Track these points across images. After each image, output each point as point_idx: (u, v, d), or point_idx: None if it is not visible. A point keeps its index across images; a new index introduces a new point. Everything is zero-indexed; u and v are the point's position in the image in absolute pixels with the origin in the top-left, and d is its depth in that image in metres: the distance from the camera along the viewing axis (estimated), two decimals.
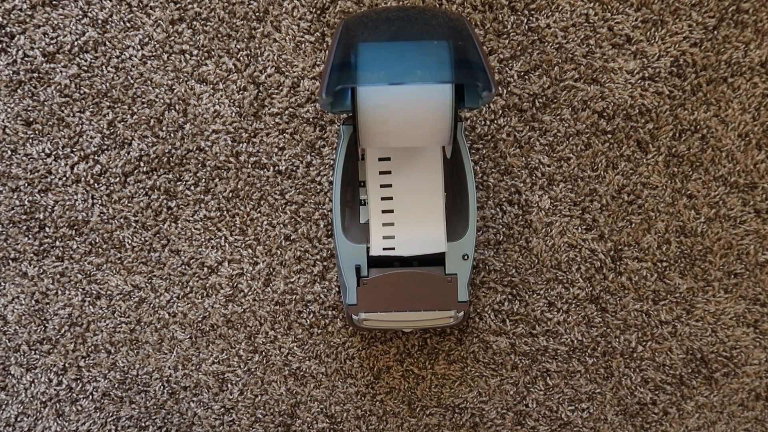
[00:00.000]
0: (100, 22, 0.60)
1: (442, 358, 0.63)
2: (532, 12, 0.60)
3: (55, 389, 0.63)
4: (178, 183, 0.61)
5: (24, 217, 0.61)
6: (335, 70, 0.42)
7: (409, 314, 0.54)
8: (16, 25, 0.60)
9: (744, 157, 0.62)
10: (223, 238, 0.62)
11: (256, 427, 0.64)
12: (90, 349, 0.63)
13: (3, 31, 0.60)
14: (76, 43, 0.60)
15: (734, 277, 0.63)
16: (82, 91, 0.60)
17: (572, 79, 0.60)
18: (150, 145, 0.61)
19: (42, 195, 0.61)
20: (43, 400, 0.63)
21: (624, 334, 0.63)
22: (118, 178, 0.61)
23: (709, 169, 0.62)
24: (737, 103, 0.61)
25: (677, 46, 0.60)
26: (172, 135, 0.61)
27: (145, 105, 0.61)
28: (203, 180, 0.61)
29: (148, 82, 0.60)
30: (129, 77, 0.60)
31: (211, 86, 0.60)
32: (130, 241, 0.62)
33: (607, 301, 0.63)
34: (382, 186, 0.52)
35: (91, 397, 0.63)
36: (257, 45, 0.60)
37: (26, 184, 0.61)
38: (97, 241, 0.62)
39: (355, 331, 0.63)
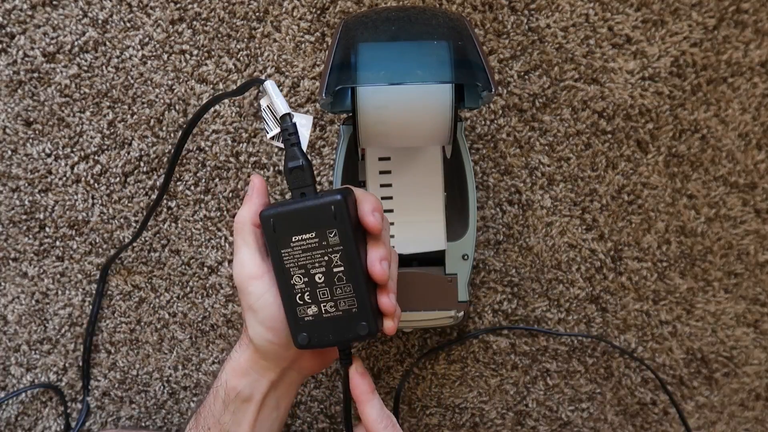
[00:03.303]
0: (100, 22, 0.60)
1: (442, 358, 0.63)
2: (532, 12, 0.60)
3: (55, 389, 0.63)
4: (178, 183, 0.61)
5: (24, 217, 0.61)
6: (335, 70, 0.42)
7: (409, 314, 0.54)
8: (16, 25, 0.60)
9: (744, 157, 0.62)
10: (223, 238, 0.62)
11: None
12: (90, 348, 0.63)
13: (3, 31, 0.60)
14: (76, 43, 0.60)
15: (734, 277, 0.63)
16: (82, 91, 0.60)
17: (572, 79, 0.60)
18: (150, 145, 0.61)
19: (42, 195, 0.61)
20: (43, 399, 0.63)
21: (624, 334, 0.63)
22: (118, 178, 0.61)
23: (709, 169, 0.62)
24: (737, 103, 0.61)
25: (677, 46, 0.60)
26: (172, 135, 0.61)
27: (145, 105, 0.61)
28: (203, 180, 0.61)
29: (148, 82, 0.60)
30: (129, 77, 0.60)
31: (211, 86, 0.60)
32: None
33: (607, 301, 0.63)
34: (382, 186, 0.52)
35: (91, 396, 0.63)
36: (257, 45, 0.60)
37: (26, 184, 0.61)
38: (97, 241, 0.62)
39: None
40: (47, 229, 0.62)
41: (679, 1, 0.60)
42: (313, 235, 0.39)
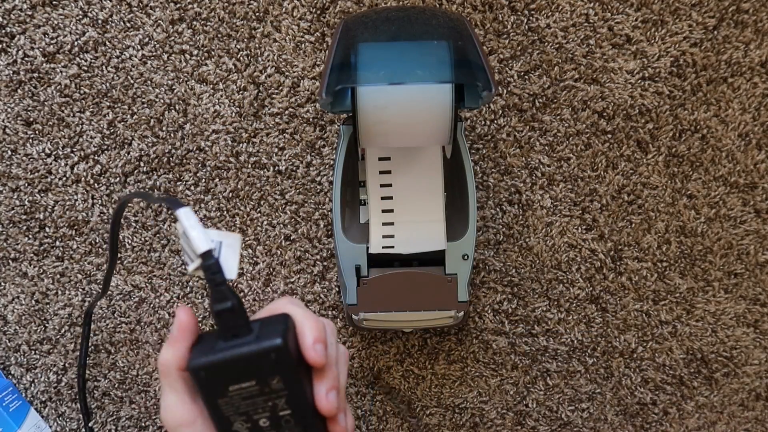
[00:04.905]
0: (100, 22, 0.60)
1: (442, 358, 0.63)
2: (532, 12, 0.60)
3: (55, 389, 0.63)
4: (178, 183, 0.61)
5: (24, 217, 0.61)
6: (335, 70, 0.42)
7: (409, 314, 0.54)
8: (16, 25, 0.60)
9: (744, 157, 0.62)
10: None
11: None
12: (90, 349, 0.63)
13: (3, 31, 0.60)
14: (76, 43, 0.60)
15: (734, 277, 0.63)
16: (82, 91, 0.60)
17: (572, 79, 0.60)
18: (150, 145, 0.61)
19: (42, 195, 0.61)
20: (43, 399, 0.63)
21: (624, 334, 0.63)
22: (118, 178, 0.61)
23: (709, 169, 0.62)
24: (737, 103, 0.61)
25: (677, 46, 0.60)
26: (172, 135, 0.61)
27: (145, 105, 0.61)
28: (203, 180, 0.61)
29: (148, 82, 0.60)
30: (129, 77, 0.60)
31: (211, 86, 0.60)
32: (130, 241, 0.62)
33: (607, 301, 0.63)
34: (382, 186, 0.52)
35: (91, 396, 0.63)
36: (257, 45, 0.60)
37: (26, 184, 0.61)
38: (97, 241, 0.62)
39: (355, 331, 0.63)
40: (47, 229, 0.62)
41: (679, 1, 0.60)
42: (254, 383, 0.34)
